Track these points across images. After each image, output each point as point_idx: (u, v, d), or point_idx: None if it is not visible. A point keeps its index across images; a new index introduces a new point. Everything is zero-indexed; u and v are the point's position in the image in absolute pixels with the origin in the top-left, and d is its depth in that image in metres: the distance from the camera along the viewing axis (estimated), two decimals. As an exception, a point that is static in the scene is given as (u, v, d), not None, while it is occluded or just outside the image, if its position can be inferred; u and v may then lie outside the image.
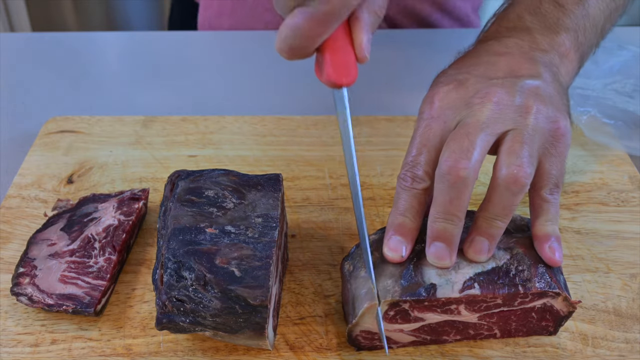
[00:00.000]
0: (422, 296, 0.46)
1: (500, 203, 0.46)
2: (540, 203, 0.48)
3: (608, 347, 0.50)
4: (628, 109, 0.72)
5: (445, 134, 0.47)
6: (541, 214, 0.48)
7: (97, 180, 0.65)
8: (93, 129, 0.71)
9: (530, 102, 0.47)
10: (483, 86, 0.48)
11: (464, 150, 0.45)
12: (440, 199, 0.45)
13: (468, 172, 0.44)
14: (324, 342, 0.50)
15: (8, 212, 0.61)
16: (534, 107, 0.47)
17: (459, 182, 0.44)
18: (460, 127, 0.46)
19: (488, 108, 0.47)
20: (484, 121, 0.46)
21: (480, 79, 0.49)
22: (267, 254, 0.47)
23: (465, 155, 0.45)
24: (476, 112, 0.47)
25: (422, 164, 0.47)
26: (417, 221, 0.48)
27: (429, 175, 0.47)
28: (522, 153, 0.45)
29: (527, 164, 0.45)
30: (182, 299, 0.45)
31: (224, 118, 0.73)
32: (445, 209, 0.45)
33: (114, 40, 0.95)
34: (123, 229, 0.56)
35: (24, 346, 0.50)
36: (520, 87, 0.48)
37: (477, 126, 0.46)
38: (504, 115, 0.47)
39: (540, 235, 0.48)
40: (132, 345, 0.50)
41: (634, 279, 0.55)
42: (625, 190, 0.64)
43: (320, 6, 0.46)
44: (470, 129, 0.46)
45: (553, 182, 0.48)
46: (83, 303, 0.51)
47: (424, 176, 0.47)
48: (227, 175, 0.53)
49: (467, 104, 0.48)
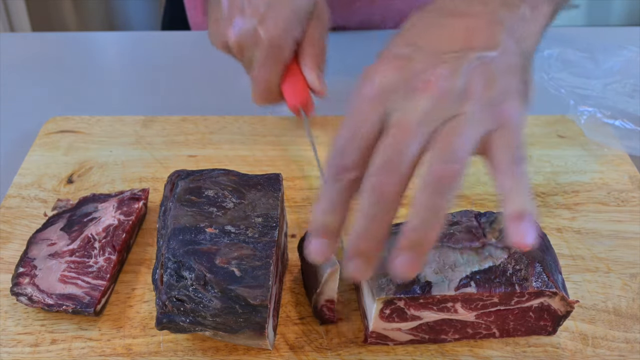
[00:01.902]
0: (416, 294, 0.45)
1: (426, 205, 0.41)
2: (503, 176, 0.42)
3: (608, 347, 0.50)
4: (628, 109, 0.72)
5: (381, 120, 0.43)
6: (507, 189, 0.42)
7: (97, 180, 0.65)
8: (93, 129, 0.71)
9: (474, 85, 0.43)
10: (426, 66, 0.44)
11: (394, 164, 0.41)
12: (363, 214, 0.41)
13: (398, 188, 0.41)
14: (324, 342, 0.50)
15: (8, 212, 0.61)
16: (476, 90, 0.43)
17: (387, 200, 0.41)
18: (396, 124, 0.42)
19: (426, 98, 0.42)
20: (421, 118, 0.42)
21: (426, 55, 0.45)
22: (267, 253, 0.47)
23: (396, 171, 0.41)
24: (414, 103, 0.43)
25: (350, 152, 0.43)
26: (342, 216, 0.43)
27: (358, 165, 0.42)
28: (452, 147, 0.41)
29: (456, 159, 0.41)
30: (182, 298, 0.45)
31: (224, 118, 0.73)
32: (366, 227, 0.41)
33: (114, 40, 0.95)
34: (123, 229, 0.56)
35: (23, 346, 0.50)
36: (468, 64, 0.44)
37: (413, 126, 0.42)
38: (442, 104, 0.42)
39: (508, 214, 0.41)
40: (132, 345, 0.50)
41: (634, 278, 0.55)
42: (625, 190, 0.64)
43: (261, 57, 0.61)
44: (404, 131, 0.42)
45: (510, 155, 0.42)
46: (83, 303, 0.51)
47: (353, 165, 0.43)
48: (227, 175, 0.53)
49: (406, 88, 0.43)
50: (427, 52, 0.45)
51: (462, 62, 0.44)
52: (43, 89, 0.81)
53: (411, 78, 0.44)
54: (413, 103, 0.43)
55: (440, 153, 0.41)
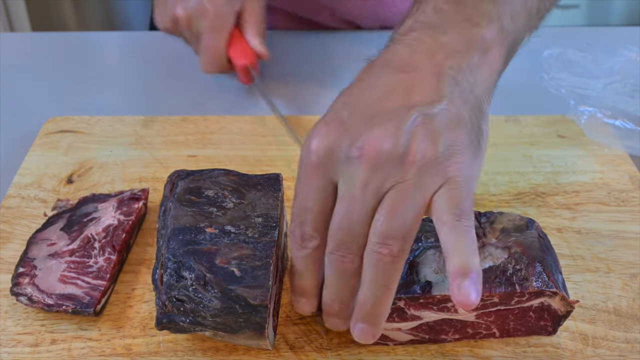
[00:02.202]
0: (417, 293, 0.46)
1: (374, 281, 0.42)
2: (446, 232, 0.42)
3: (608, 347, 0.50)
4: (628, 109, 0.72)
5: (328, 187, 0.44)
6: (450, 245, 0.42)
7: (97, 180, 0.65)
8: (93, 129, 0.71)
9: (415, 146, 0.42)
10: (364, 129, 0.43)
11: (347, 244, 0.43)
12: (330, 285, 0.44)
13: (355, 263, 0.43)
14: (324, 342, 0.50)
15: (8, 212, 0.61)
16: (418, 152, 0.41)
17: (347, 273, 0.43)
18: (341, 199, 0.43)
19: (365, 166, 0.42)
20: (360, 192, 0.42)
21: (363, 117, 0.44)
22: (267, 253, 0.47)
23: (349, 249, 0.43)
24: (354, 172, 0.42)
25: (309, 222, 0.44)
26: (316, 277, 0.46)
27: (318, 232, 0.44)
28: (392, 224, 0.41)
29: (398, 235, 0.41)
30: (182, 298, 0.45)
31: (224, 118, 0.73)
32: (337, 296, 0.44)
33: (114, 40, 0.95)
34: (123, 229, 0.56)
35: (23, 346, 0.50)
36: (410, 123, 0.42)
37: (355, 201, 0.42)
38: (383, 172, 0.42)
39: (451, 271, 0.41)
40: (132, 345, 0.50)
41: (635, 278, 0.55)
42: (625, 190, 0.64)
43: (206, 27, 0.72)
44: (349, 207, 0.42)
45: (452, 212, 0.41)
46: (83, 303, 0.51)
47: (313, 233, 0.44)
48: (226, 175, 0.53)
49: (345, 156, 0.43)
50: (363, 113, 0.44)
51: (401, 122, 0.43)
52: (43, 89, 0.81)
53: (348, 145, 0.43)
54: (353, 172, 0.42)
55: (383, 227, 0.41)
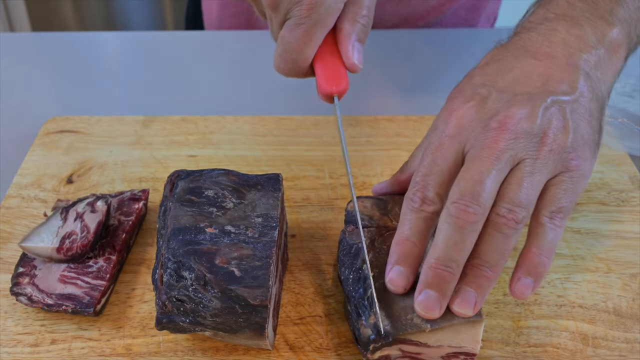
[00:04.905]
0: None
1: (490, 246, 0.43)
2: (535, 226, 0.45)
3: (608, 347, 0.50)
4: (628, 109, 0.72)
5: (459, 157, 0.46)
6: (532, 240, 0.45)
7: (97, 180, 0.65)
8: (93, 129, 0.71)
9: (550, 130, 0.45)
10: (504, 106, 0.46)
11: (475, 195, 0.43)
12: (443, 241, 0.43)
13: (478, 217, 0.43)
14: (324, 342, 0.50)
15: (8, 212, 0.61)
16: (551, 136, 0.45)
17: (467, 227, 0.43)
18: (473, 159, 0.45)
19: (503, 137, 0.44)
20: (497, 155, 0.44)
21: (503, 94, 0.47)
22: (267, 253, 0.47)
23: (476, 200, 0.43)
24: (491, 140, 0.45)
25: (433, 185, 0.45)
26: (422, 246, 0.46)
27: (440, 198, 0.45)
28: (520, 193, 0.43)
29: (523, 204, 0.43)
30: (182, 299, 0.45)
31: (224, 118, 0.73)
32: (446, 254, 0.43)
33: (114, 40, 0.95)
34: (123, 229, 0.56)
35: (23, 346, 0.50)
36: (546, 107, 0.46)
37: (490, 161, 0.44)
38: (518, 144, 0.44)
39: (520, 264, 0.45)
40: (131, 345, 0.50)
41: (634, 279, 0.55)
42: (625, 190, 0.64)
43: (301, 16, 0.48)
44: (482, 166, 0.44)
45: (556, 206, 0.45)
46: (82, 303, 0.51)
47: (434, 198, 0.45)
48: (226, 175, 0.53)
49: (483, 126, 0.46)
50: (503, 92, 0.47)
51: (538, 105, 0.46)
52: (43, 89, 0.81)
53: (487, 117, 0.46)
54: (491, 138, 0.45)
55: (514, 194, 0.43)
